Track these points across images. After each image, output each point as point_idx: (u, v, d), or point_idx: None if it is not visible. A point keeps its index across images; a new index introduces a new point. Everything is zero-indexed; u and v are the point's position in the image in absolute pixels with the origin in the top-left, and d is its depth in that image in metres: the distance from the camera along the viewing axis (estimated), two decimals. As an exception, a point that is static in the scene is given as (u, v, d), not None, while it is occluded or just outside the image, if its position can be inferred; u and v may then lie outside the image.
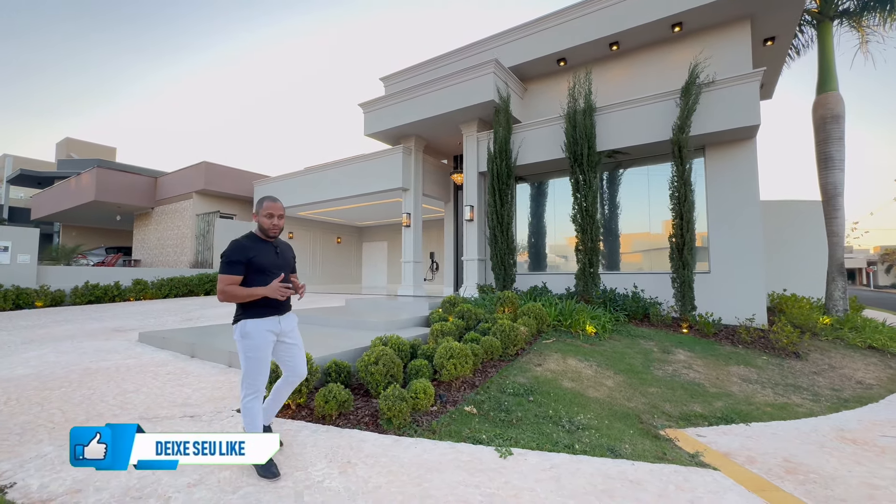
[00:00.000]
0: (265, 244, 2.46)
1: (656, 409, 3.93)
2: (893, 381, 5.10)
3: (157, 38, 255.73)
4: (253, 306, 2.37)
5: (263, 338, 2.37)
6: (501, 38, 9.38)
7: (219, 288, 2.33)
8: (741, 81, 6.61)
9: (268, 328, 2.39)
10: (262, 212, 2.46)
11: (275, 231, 2.47)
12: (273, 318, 2.42)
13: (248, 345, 2.34)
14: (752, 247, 6.95)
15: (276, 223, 2.47)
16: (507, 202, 8.43)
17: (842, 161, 7.76)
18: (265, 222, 2.45)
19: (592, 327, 6.06)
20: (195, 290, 11.66)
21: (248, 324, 2.35)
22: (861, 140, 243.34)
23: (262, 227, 2.47)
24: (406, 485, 2.35)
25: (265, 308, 2.40)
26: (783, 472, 2.80)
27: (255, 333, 2.34)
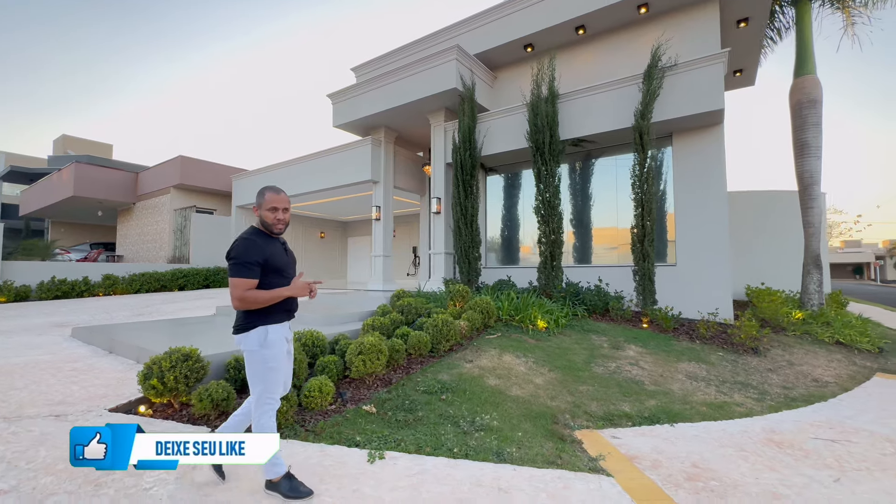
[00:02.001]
0: (273, 241, 2.17)
1: (580, 408, 3.69)
2: (852, 379, 4.80)
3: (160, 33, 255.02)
4: (272, 311, 2.10)
5: (281, 345, 2.13)
6: (469, 24, 9.09)
7: (235, 295, 1.99)
8: (704, 64, 6.29)
9: (284, 334, 2.16)
10: (264, 205, 2.14)
11: (280, 227, 2.17)
12: (287, 323, 2.20)
13: (269, 355, 2.07)
14: (719, 239, 6.65)
15: (282, 217, 2.16)
16: (471, 194, 8.18)
17: (818, 148, 7.40)
18: (269, 217, 2.14)
19: (544, 322, 5.82)
20: (168, 286, 11.55)
21: (270, 331, 2.07)
22: (869, 130, 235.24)
23: (265, 222, 2.16)
24: (243, 491, 2.14)
25: (284, 313, 2.15)
26: (683, 479, 2.56)
27: (276, 341, 2.09)
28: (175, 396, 3.10)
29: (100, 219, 18.30)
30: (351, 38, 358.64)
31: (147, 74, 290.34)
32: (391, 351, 4.10)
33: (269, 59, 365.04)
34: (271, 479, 2.12)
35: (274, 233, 2.19)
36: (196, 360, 3.17)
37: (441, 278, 8.80)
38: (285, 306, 2.15)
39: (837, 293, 9.71)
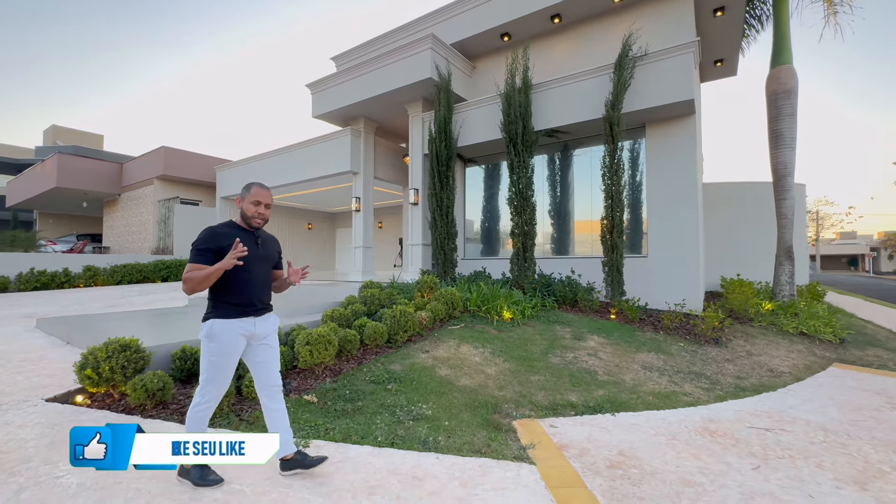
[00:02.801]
0: (244, 234, 2.16)
1: (526, 397, 3.72)
2: (808, 370, 4.84)
3: (156, 25, 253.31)
4: (223, 303, 2.07)
5: (232, 341, 2.07)
6: (446, 12, 8.98)
7: (182, 277, 2.02)
8: (674, 54, 6.23)
9: (239, 330, 2.08)
10: (248, 198, 2.18)
11: (258, 221, 2.19)
12: (248, 318, 2.12)
13: (213, 348, 2.05)
14: (689, 230, 6.66)
15: (262, 212, 2.19)
16: (447, 185, 8.15)
17: (793, 139, 7.37)
18: (250, 209, 2.17)
19: (509, 313, 5.85)
20: (150, 277, 11.55)
21: (215, 324, 2.05)
22: (863, 121, 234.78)
23: (244, 214, 2.19)
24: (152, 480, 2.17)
25: (238, 306, 2.09)
26: (605, 467, 2.59)
27: (222, 335, 2.05)
28: (114, 386, 3.12)
29: (86, 210, 18.22)
30: (338, 27, 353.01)
31: (142, 66, 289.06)
32: (343, 342, 4.12)
33: (261, 49, 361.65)
34: (184, 466, 2.13)
35: (251, 226, 2.20)
36: (135, 351, 3.18)
37: (419, 269, 8.81)
38: (237, 300, 2.09)
39: (814, 284, 9.76)
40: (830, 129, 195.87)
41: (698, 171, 6.74)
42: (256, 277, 2.17)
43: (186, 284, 2.00)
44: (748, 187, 9.81)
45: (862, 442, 2.99)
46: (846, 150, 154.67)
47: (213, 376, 2.08)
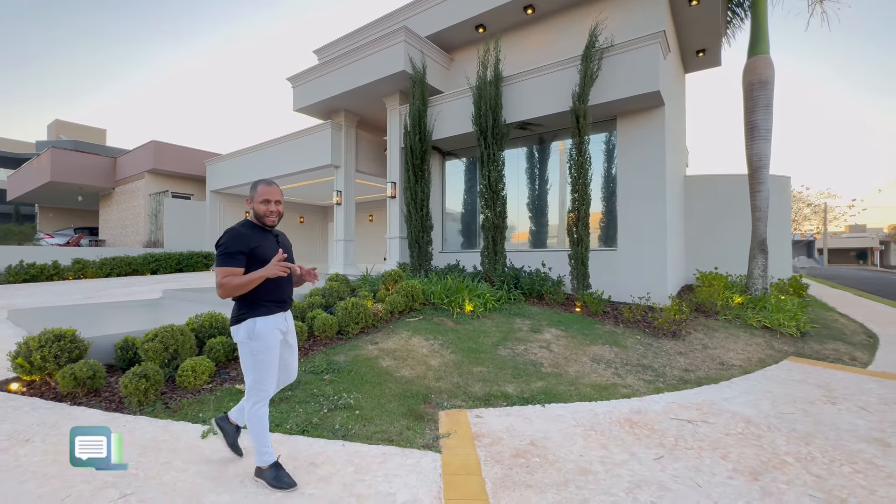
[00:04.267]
0: (264, 233, 2.20)
1: (462, 389, 3.77)
2: (761, 363, 4.84)
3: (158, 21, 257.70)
4: (260, 303, 2.12)
5: (274, 337, 2.14)
6: (423, 4, 8.92)
7: (217, 282, 2.04)
8: (640, 45, 6.16)
9: (278, 325, 2.18)
10: (256, 197, 2.18)
11: (272, 218, 2.20)
12: (281, 314, 2.21)
13: (259, 346, 2.10)
14: (657, 223, 6.62)
15: (274, 209, 2.20)
16: (422, 178, 8.17)
17: (768, 131, 7.27)
18: (261, 209, 2.18)
19: (471, 306, 5.89)
20: (140, 270, 11.75)
21: (258, 322, 2.10)
22: (871, 113, 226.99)
23: (257, 214, 2.20)
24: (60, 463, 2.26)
25: (273, 304, 2.16)
26: (509, 456, 2.64)
27: (265, 333, 2.11)
28: (50, 375, 3.22)
29: (84, 203, 18.51)
30: (326, 20, 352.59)
31: (146, 61, 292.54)
32: (289, 333, 4.19)
33: (256, 43, 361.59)
34: (260, 467, 2.18)
35: (267, 224, 2.21)
36: (70, 341, 3.28)
37: (395, 262, 8.87)
38: (273, 297, 2.15)
39: (797, 277, 9.66)
40: (838, 120, 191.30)
41: (668, 164, 6.68)
42: (287, 277, 2.22)
43: (222, 290, 2.02)
44: (730, 179, 9.68)
45: (779, 434, 3.01)
46: (855, 141, 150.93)
47: (263, 375, 2.13)
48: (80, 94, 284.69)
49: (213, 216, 13.88)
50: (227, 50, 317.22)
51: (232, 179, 13.15)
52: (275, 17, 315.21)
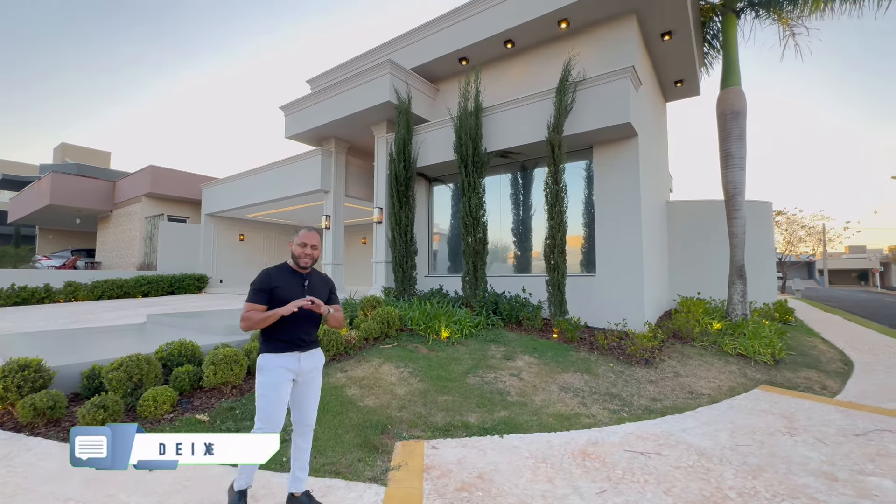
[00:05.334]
0: (294, 275, 2.35)
1: (424, 419, 3.80)
2: (731, 391, 4.84)
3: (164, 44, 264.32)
4: (272, 339, 2.26)
5: (277, 374, 2.21)
6: (410, 38, 9.29)
7: (241, 316, 2.22)
8: (612, 78, 6.40)
9: (284, 364, 2.23)
10: (296, 240, 2.36)
11: (306, 261, 2.34)
12: (293, 353, 2.27)
13: (261, 381, 2.22)
14: (633, 250, 6.73)
15: (309, 252, 2.34)
16: (406, 204, 8.34)
17: (742, 159, 7.46)
18: (297, 250, 2.34)
19: (447, 332, 5.94)
20: (131, 293, 11.85)
21: (263, 358, 2.25)
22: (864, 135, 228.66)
23: (293, 255, 2.37)
24: (4, 494, 2.31)
25: (284, 343, 2.26)
26: (453, 489, 2.67)
27: (268, 369, 2.22)
28: (12, 405, 3.28)
29: (84, 226, 18.78)
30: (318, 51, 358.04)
31: (151, 85, 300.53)
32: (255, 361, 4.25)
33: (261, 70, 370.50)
34: (232, 486, 2.28)
35: (300, 266, 2.35)
36: (35, 370, 3.35)
37: (380, 287, 8.95)
38: (284, 336, 2.25)
39: (782, 302, 9.70)
40: (831, 142, 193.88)
41: (643, 192, 6.83)
42: (303, 317, 2.28)
43: (243, 323, 2.21)
44: (712, 205, 9.83)
45: (728, 467, 3.02)
46: (850, 163, 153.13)
47: (263, 408, 2.20)
48: (87, 116, 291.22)
49: (208, 239, 14.07)
50: (224, 77, 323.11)
51: (227, 203, 13.39)
52: (270, 45, 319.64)
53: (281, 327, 2.24)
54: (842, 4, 7.49)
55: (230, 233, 14.68)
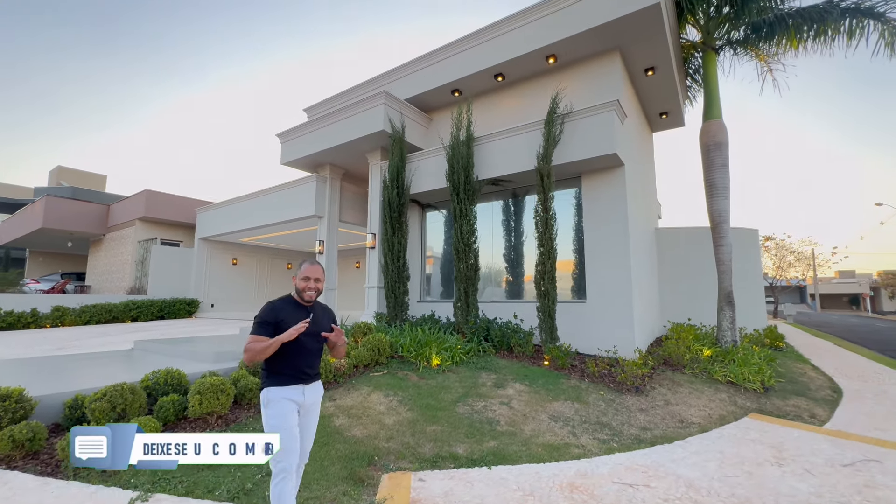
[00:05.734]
0: (298, 308, 2.36)
1: (412, 449, 3.75)
2: (721, 420, 4.84)
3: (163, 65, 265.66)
4: (276, 372, 2.26)
5: (285, 407, 2.20)
6: (404, 70, 9.62)
7: (244, 348, 2.21)
8: (597, 112, 6.65)
9: (290, 396, 2.23)
10: (300, 274, 2.38)
11: (310, 294, 2.35)
12: (297, 386, 2.27)
13: (269, 413, 2.20)
14: (622, 276, 6.81)
15: (313, 286, 2.35)
16: (399, 230, 8.44)
17: (725, 188, 7.67)
18: (301, 284, 2.35)
19: (438, 359, 5.92)
20: (119, 317, 11.70)
21: (270, 391, 2.23)
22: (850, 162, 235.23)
23: (297, 288, 2.37)
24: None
25: (288, 376, 2.25)
26: (439, 524, 2.63)
27: (275, 401, 2.21)
28: None
29: (76, 248, 18.66)
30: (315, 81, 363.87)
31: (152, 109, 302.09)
32: (244, 390, 4.22)
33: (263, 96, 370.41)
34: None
35: (304, 299, 2.37)
36: (17, 401, 3.30)
37: (373, 313, 8.93)
38: (289, 368, 2.25)
39: (772, 328, 9.77)
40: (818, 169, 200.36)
41: (631, 220, 6.97)
42: (305, 349, 2.30)
43: (246, 354, 2.19)
44: (700, 232, 10.01)
45: (717, 499, 3.01)
46: (838, 189, 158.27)
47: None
48: (84, 140, 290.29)
49: (200, 262, 14.03)
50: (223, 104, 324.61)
51: (221, 227, 13.44)
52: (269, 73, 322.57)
53: (285, 360, 2.25)
54: (814, 44, 7.89)
55: (223, 257, 14.66)
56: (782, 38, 8.14)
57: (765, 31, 7.96)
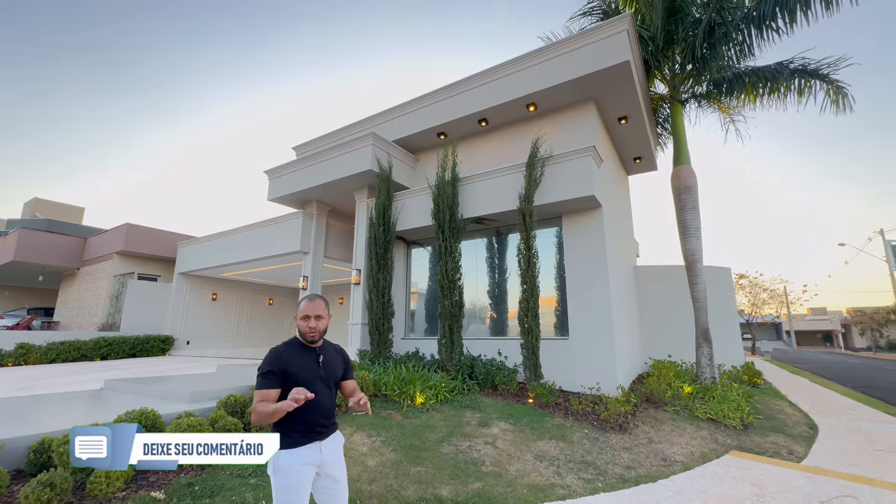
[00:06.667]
0: (306, 351, 2.12)
1: (395, 492, 3.66)
2: (703, 458, 4.87)
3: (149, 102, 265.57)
4: (287, 431, 1.96)
5: (299, 474, 1.93)
6: (393, 113, 10.05)
7: (252, 408, 1.92)
8: (575, 156, 7.04)
9: (305, 461, 1.96)
10: (298, 314, 2.12)
11: (313, 335, 2.11)
12: (313, 444, 2.00)
13: (279, 482, 1.93)
14: (603, 313, 6.98)
15: (314, 325, 2.10)
16: (384, 267, 8.51)
17: (697, 229, 8.07)
18: (302, 325, 2.11)
19: (422, 397, 5.85)
20: (88, 355, 11.18)
21: (281, 456, 1.93)
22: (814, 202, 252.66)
23: (300, 331, 2.13)
24: None
25: (301, 434, 1.98)
26: (423, 571, 2.56)
27: (288, 468, 1.93)
28: (-54, 484, 3.02)
29: (46, 282, 17.99)
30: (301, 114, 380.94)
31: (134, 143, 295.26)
32: (222, 430, 4.08)
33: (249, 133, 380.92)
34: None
35: (308, 341, 2.13)
36: (-15, 445, 3.14)
37: (357, 349, 8.81)
38: (300, 426, 1.98)
39: (749, 365, 9.99)
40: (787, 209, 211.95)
41: (609, 258, 7.24)
42: (319, 402, 2.03)
43: (254, 416, 1.90)
44: (678, 270, 10.39)
45: (700, 539, 3.01)
46: (804, 228, 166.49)
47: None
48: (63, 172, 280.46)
49: (179, 298, 13.69)
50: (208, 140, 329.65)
51: (203, 262, 13.25)
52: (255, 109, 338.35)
53: (294, 416, 1.95)
54: (769, 99, 8.64)
55: (203, 292, 14.35)
56: (741, 94, 8.91)
57: (725, 86, 8.70)
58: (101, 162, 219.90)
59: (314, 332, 2.11)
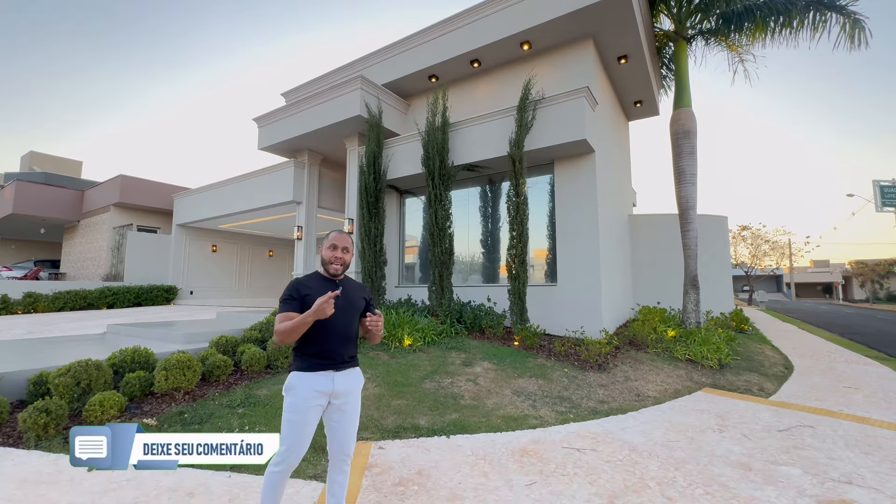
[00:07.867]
0: (326, 283, 2.09)
1: (375, 422, 3.89)
2: (676, 394, 5.08)
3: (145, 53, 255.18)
4: (302, 354, 2.01)
5: (307, 398, 1.95)
6: (382, 55, 9.58)
7: (274, 330, 2.01)
8: (568, 98, 6.76)
9: (316, 387, 1.97)
10: (326, 243, 2.11)
11: (336, 266, 2.09)
12: (326, 373, 2.00)
13: (289, 402, 1.97)
14: (591, 260, 7.01)
15: (340, 256, 2.09)
16: (376, 216, 8.49)
17: (693, 175, 7.90)
18: (327, 254, 2.10)
19: (409, 340, 6.06)
20: (95, 304, 11.55)
21: (293, 377, 1.99)
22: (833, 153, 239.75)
23: (323, 260, 2.11)
24: None
25: (314, 358, 2.00)
26: (391, 485, 2.78)
27: (299, 388, 1.96)
28: (-48, 410, 3.24)
29: (49, 236, 18.23)
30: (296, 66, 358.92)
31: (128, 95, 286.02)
32: (212, 367, 4.29)
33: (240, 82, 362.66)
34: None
35: (331, 273, 2.11)
36: None
37: (351, 297, 9.00)
38: (315, 351, 2.00)
39: (738, 312, 10.15)
40: (794, 159, 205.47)
41: (601, 206, 7.16)
42: (336, 328, 2.03)
43: (277, 336, 1.93)
44: (671, 218, 10.29)
45: (655, 460, 3.22)
46: (813, 179, 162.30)
47: (288, 436, 1.96)
48: (60, 126, 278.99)
49: (178, 249, 13.87)
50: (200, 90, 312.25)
51: (199, 213, 13.28)
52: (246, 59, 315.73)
53: (312, 341, 1.99)
54: (780, 35, 8.10)
55: (202, 244, 14.51)
56: (751, 29, 8.34)
57: (734, 21, 8.13)
58: (100, 117, 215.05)
59: (338, 262, 2.10)
